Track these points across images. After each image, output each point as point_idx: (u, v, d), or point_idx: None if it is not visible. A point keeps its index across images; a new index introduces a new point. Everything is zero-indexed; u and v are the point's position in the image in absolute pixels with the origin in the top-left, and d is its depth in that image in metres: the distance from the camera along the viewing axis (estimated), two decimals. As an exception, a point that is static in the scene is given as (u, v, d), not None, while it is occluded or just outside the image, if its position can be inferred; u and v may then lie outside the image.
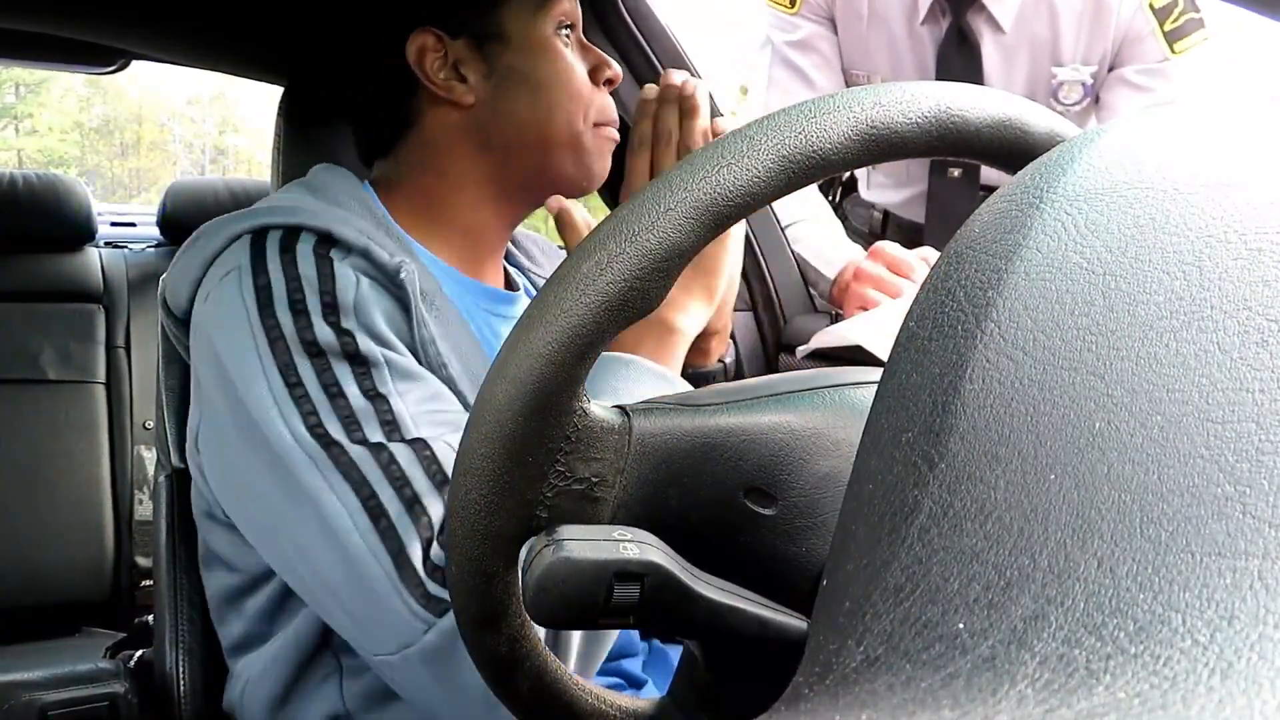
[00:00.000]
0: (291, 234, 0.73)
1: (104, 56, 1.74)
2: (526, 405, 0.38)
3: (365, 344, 0.69)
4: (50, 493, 1.94)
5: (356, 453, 0.67)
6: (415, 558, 0.65)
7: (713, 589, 0.41)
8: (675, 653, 0.91)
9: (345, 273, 0.71)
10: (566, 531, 0.39)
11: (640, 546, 0.39)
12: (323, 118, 1.05)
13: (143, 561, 2.01)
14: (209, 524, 0.81)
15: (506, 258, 0.98)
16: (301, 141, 1.04)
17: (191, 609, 0.92)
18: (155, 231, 2.40)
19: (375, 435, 0.67)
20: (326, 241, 0.73)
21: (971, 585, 0.20)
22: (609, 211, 1.01)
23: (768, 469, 0.43)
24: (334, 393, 0.68)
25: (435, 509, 0.66)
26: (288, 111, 1.03)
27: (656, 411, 0.43)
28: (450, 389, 0.74)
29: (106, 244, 2.29)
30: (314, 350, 0.69)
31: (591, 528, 0.40)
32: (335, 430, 0.67)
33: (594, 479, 0.41)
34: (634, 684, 0.87)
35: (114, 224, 2.66)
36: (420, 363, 0.73)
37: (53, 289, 2.07)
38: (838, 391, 0.46)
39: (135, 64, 1.84)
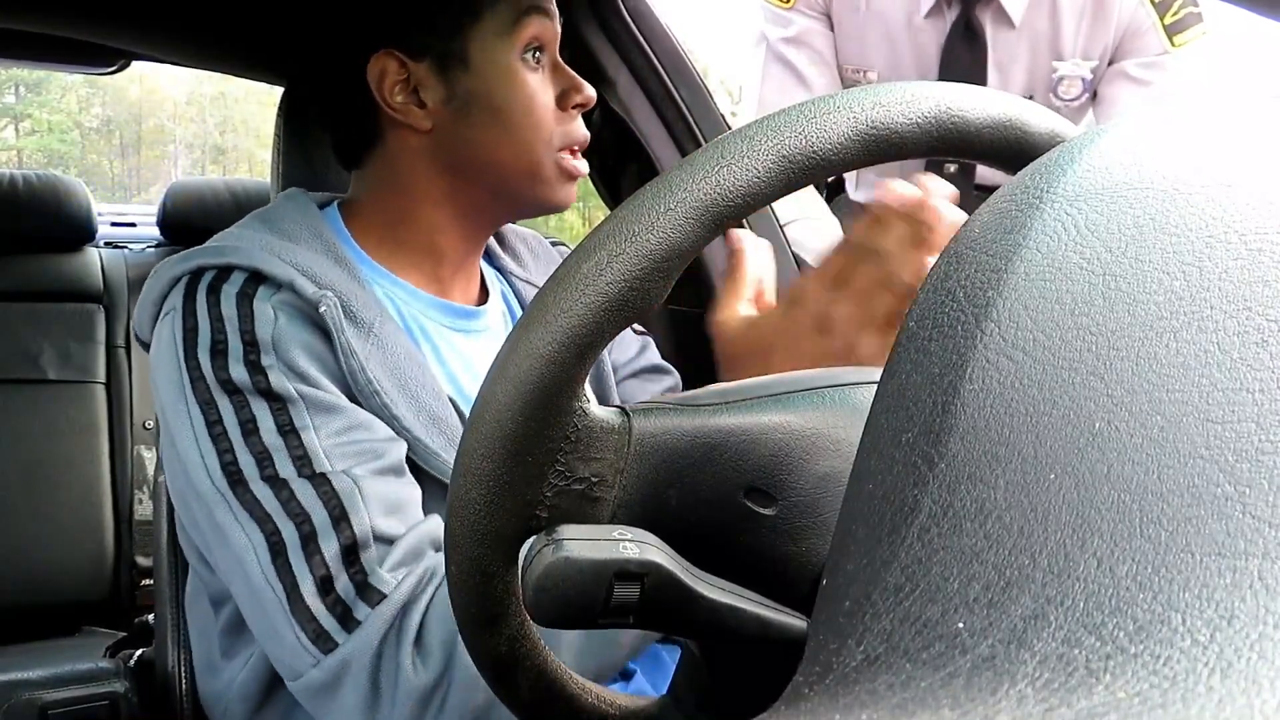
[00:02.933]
0: (223, 274, 0.76)
1: (104, 56, 1.74)
2: (526, 405, 0.38)
3: (279, 381, 0.71)
4: (50, 493, 1.94)
5: (260, 490, 0.70)
6: (308, 593, 0.68)
7: (713, 589, 0.41)
8: (663, 646, 0.91)
9: (264, 310, 0.73)
10: (566, 531, 0.39)
11: (640, 546, 0.39)
12: (322, 120, 1.05)
13: (143, 561, 2.01)
14: (183, 533, 0.83)
15: (490, 259, 0.98)
16: (301, 141, 1.04)
17: (191, 609, 0.92)
18: (155, 231, 2.40)
19: (285, 470, 0.70)
20: (255, 279, 0.75)
21: (971, 585, 0.20)
22: (609, 212, 1.01)
23: (768, 469, 0.43)
24: (249, 429, 0.71)
25: (329, 545, 0.68)
26: (288, 111, 1.04)
27: (656, 411, 0.43)
28: (385, 415, 0.74)
29: (106, 244, 2.29)
30: (231, 388, 0.72)
31: (591, 527, 0.40)
32: (248, 466, 0.70)
33: (594, 479, 0.41)
34: (623, 675, 0.87)
35: (114, 224, 2.66)
36: (351, 390, 0.74)
37: (53, 289, 2.07)
38: (838, 391, 0.46)
39: (135, 64, 1.84)
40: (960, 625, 0.20)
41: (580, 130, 0.84)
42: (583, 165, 0.85)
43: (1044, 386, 0.23)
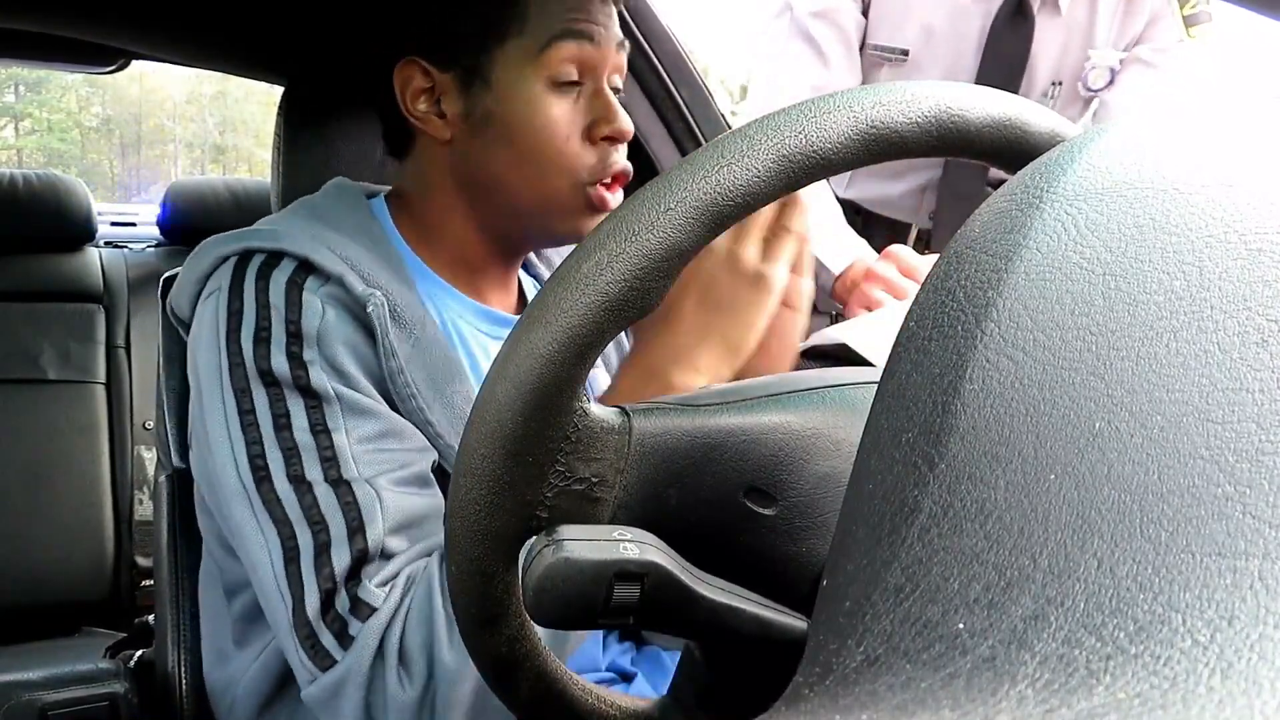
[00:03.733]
0: (273, 259, 0.75)
1: (104, 56, 1.73)
2: (526, 405, 0.38)
3: (318, 378, 0.71)
4: (50, 493, 1.94)
5: (283, 490, 0.70)
6: (311, 606, 0.68)
7: (713, 589, 0.41)
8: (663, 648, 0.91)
9: (312, 302, 0.73)
10: (566, 531, 0.39)
11: (640, 546, 0.39)
12: (323, 117, 1.05)
13: (143, 561, 2.00)
14: (205, 519, 0.83)
15: (529, 270, 0.98)
16: (302, 141, 1.04)
17: (192, 609, 0.92)
18: (155, 231, 2.40)
19: (312, 471, 0.70)
20: (305, 268, 0.74)
21: (971, 585, 0.20)
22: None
23: (768, 469, 0.43)
24: (282, 424, 0.71)
25: (341, 559, 0.68)
26: (288, 111, 1.04)
27: (656, 412, 0.43)
28: (419, 419, 0.74)
29: (106, 244, 2.29)
30: (269, 380, 0.71)
31: (591, 528, 0.40)
32: (274, 462, 0.70)
33: (594, 479, 0.41)
34: (625, 678, 0.87)
35: (114, 224, 2.65)
36: (389, 392, 0.74)
37: (53, 289, 2.07)
38: (838, 391, 0.46)
39: (135, 64, 1.84)
40: (961, 626, 0.20)
41: (613, 162, 0.80)
42: (613, 198, 0.81)
43: (1044, 386, 0.23)
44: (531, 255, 0.98)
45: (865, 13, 1.51)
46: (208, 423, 0.73)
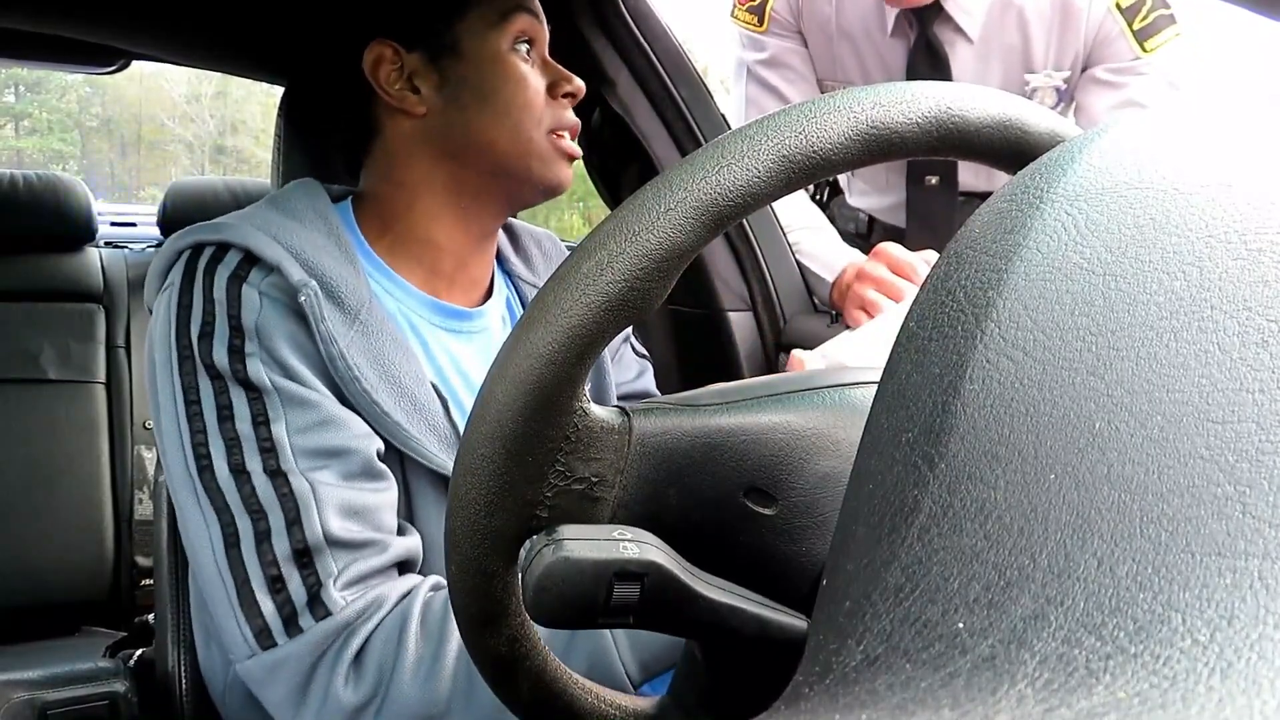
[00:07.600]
0: (220, 252, 0.78)
1: (104, 56, 1.74)
2: (526, 405, 0.38)
3: (256, 370, 0.74)
4: (50, 493, 1.94)
5: (224, 479, 0.72)
6: (258, 587, 0.71)
7: (713, 589, 0.41)
8: None
9: (250, 296, 0.75)
10: (566, 531, 0.39)
11: (640, 546, 0.39)
12: (323, 117, 1.05)
13: (143, 561, 2.00)
14: None
15: (501, 263, 0.98)
16: (302, 141, 1.04)
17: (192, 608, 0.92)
18: (155, 231, 2.40)
19: (252, 462, 0.72)
20: (249, 260, 0.77)
21: (971, 585, 0.20)
22: (609, 212, 1.01)
23: (768, 469, 0.43)
24: (225, 415, 0.73)
25: (282, 546, 0.71)
26: (288, 111, 1.04)
27: (656, 411, 0.43)
28: (365, 400, 0.76)
29: (106, 244, 2.29)
30: (213, 373, 0.74)
31: (591, 527, 0.40)
32: (217, 451, 0.73)
33: (594, 479, 0.41)
34: None
35: (114, 224, 2.66)
36: (333, 377, 0.76)
37: (53, 289, 2.07)
38: (838, 391, 0.46)
39: (135, 64, 1.84)
40: (960, 625, 0.20)
41: (570, 116, 0.88)
42: (576, 148, 0.88)
43: (1044, 386, 0.23)
44: (507, 248, 0.99)
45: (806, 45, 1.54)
46: (161, 414, 0.76)
